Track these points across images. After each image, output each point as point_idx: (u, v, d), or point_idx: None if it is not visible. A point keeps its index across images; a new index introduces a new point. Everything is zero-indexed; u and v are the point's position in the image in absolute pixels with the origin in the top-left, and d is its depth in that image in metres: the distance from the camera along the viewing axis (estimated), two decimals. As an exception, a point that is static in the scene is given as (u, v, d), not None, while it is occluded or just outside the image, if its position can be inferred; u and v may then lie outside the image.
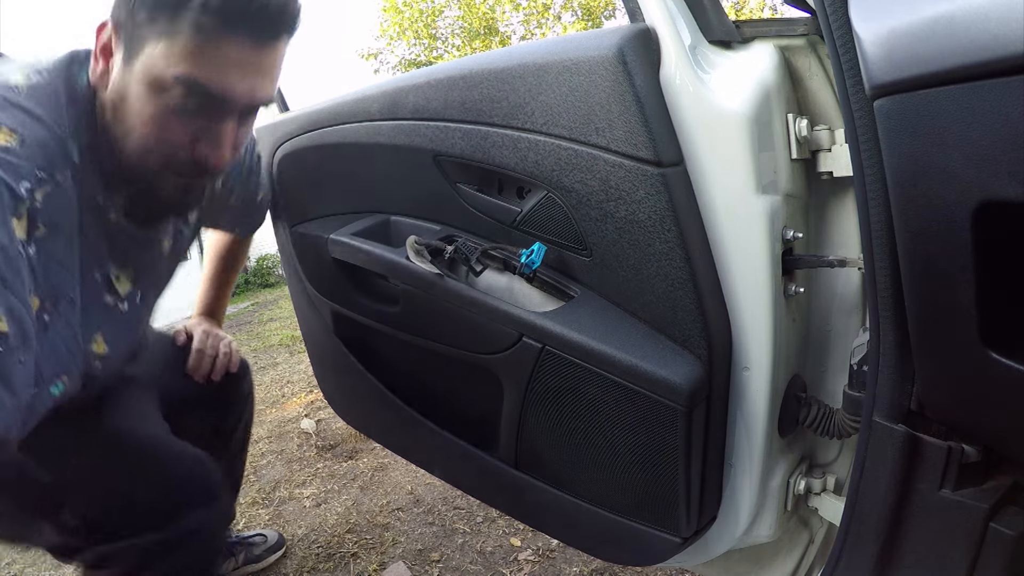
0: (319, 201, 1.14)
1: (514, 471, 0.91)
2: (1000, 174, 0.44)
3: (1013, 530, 0.55)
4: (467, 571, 1.45)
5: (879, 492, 0.61)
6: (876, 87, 0.50)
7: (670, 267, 0.70)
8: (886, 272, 0.56)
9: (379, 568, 1.50)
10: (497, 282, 0.87)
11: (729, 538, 0.84)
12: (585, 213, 0.75)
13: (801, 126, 0.69)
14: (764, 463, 0.77)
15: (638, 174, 0.68)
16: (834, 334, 0.80)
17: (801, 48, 0.71)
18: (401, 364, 1.07)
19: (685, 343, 0.72)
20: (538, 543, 1.49)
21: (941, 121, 0.46)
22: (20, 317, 0.54)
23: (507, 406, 0.88)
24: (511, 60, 0.77)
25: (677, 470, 0.74)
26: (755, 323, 0.71)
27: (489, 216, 0.86)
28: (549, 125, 0.74)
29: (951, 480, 0.57)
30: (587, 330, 0.75)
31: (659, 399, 0.71)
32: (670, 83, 0.68)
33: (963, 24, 0.43)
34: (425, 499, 1.80)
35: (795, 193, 0.72)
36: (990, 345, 0.49)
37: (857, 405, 0.66)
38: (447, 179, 0.89)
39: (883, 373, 0.59)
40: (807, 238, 0.75)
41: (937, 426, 0.58)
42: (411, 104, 0.89)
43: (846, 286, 0.78)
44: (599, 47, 0.69)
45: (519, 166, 0.78)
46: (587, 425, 0.80)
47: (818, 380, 0.82)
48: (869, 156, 0.54)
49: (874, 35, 0.50)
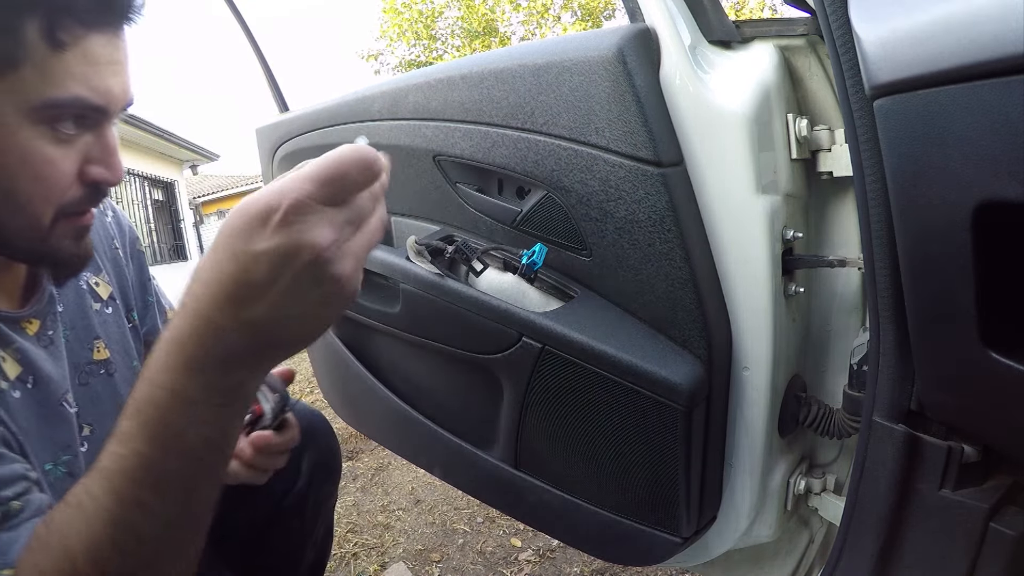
0: (319, 201, 1.14)
1: (514, 471, 0.91)
2: (1000, 174, 0.44)
3: (1013, 530, 0.55)
4: (467, 571, 1.45)
5: (879, 492, 0.61)
6: (876, 87, 0.50)
7: (670, 267, 0.70)
8: (886, 272, 0.56)
9: (380, 568, 1.50)
10: (497, 282, 0.87)
11: (729, 538, 0.84)
12: (585, 213, 0.75)
13: (801, 126, 0.69)
14: (764, 463, 0.77)
15: (638, 174, 0.68)
16: (834, 334, 0.80)
17: (801, 48, 0.71)
18: (401, 364, 1.07)
19: (685, 343, 0.72)
20: (538, 543, 1.49)
21: (941, 121, 0.46)
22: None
23: (507, 406, 0.88)
24: (511, 60, 0.77)
25: (677, 470, 0.74)
26: (755, 323, 0.71)
27: (489, 216, 0.86)
28: (549, 125, 0.74)
29: (951, 480, 0.57)
30: (587, 330, 0.75)
31: (659, 399, 0.71)
32: (670, 83, 0.68)
33: (963, 24, 0.44)
34: (425, 499, 1.80)
35: (795, 193, 0.72)
36: (990, 345, 0.48)
37: (857, 405, 0.66)
38: (447, 179, 0.89)
39: (883, 373, 0.59)
40: (807, 238, 0.75)
41: (937, 426, 0.58)
42: (411, 104, 0.89)
43: (846, 286, 0.78)
44: (599, 47, 0.69)
45: (519, 166, 0.78)
46: (587, 425, 0.80)
47: (818, 380, 0.82)
48: (869, 156, 0.54)
49: (874, 35, 0.50)
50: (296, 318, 0.38)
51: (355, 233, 0.38)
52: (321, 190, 0.36)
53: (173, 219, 9.96)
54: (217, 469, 0.44)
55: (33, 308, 0.65)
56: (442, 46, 13.21)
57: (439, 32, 13.13)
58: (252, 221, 0.36)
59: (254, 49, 1.30)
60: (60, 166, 0.54)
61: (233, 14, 1.24)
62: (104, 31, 0.53)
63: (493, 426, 0.92)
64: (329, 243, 0.36)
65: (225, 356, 0.38)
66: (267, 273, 0.35)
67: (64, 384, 0.66)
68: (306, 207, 0.35)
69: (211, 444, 0.42)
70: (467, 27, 12.68)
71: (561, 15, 12.66)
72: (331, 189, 0.36)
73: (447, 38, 13.18)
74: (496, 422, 0.91)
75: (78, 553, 0.42)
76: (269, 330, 0.37)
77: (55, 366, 0.65)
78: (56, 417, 0.64)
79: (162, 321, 0.91)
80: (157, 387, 0.40)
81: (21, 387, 0.59)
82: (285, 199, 0.35)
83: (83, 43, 0.52)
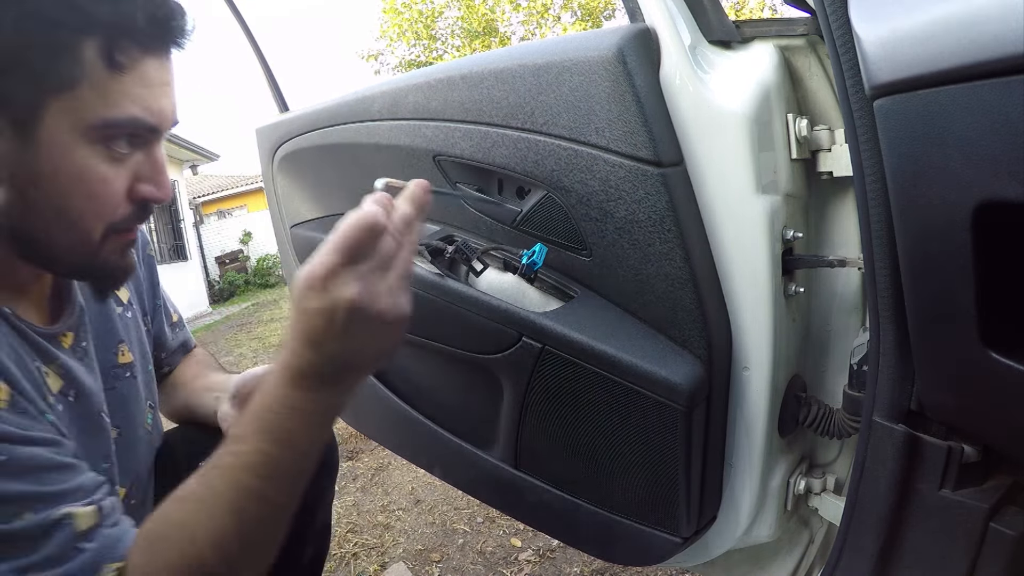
0: (319, 201, 1.14)
1: (514, 471, 0.91)
2: (1000, 174, 0.44)
3: (1013, 530, 0.55)
4: (467, 571, 1.45)
5: (879, 492, 0.61)
6: (876, 87, 0.50)
7: (670, 267, 0.70)
8: (886, 272, 0.56)
9: (380, 568, 1.50)
10: (497, 282, 0.87)
11: (729, 538, 0.84)
12: (585, 213, 0.75)
13: (801, 126, 0.69)
14: (764, 463, 0.77)
15: (638, 174, 0.68)
16: (834, 334, 0.80)
17: (801, 48, 0.71)
18: (401, 364, 1.07)
19: (685, 343, 0.72)
20: (538, 543, 1.49)
21: (941, 121, 0.46)
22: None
23: (507, 406, 0.88)
24: (511, 60, 0.77)
25: (677, 470, 0.74)
26: (755, 323, 0.71)
27: (489, 216, 0.86)
28: (549, 125, 0.74)
29: (951, 480, 0.57)
30: (587, 330, 0.75)
31: (659, 399, 0.71)
32: (670, 83, 0.68)
33: (963, 24, 0.44)
34: (425, 499, 1.80)
35: (795, 193, 0.72)
36: (990, 345, 0.48)
37: (857, 405, 0.66)
38: (447, 179, 0.89)
39: (883, 373, 0.59)
40: (807, 238, 0.75)
41: (937, 426, 0.58)
42: (411, 104, 0.89)
43: (846, 286, 0.78)
44: (599, 47, 0.69)
45: (519, 166, 0.78)
46: (587, 425, 0.80)
47: (818, 380, 0.82)
48: (869, 156, 0.54)
49: (874, 35, 0.50)
50: (359, 348, 0.49)
51: (385, 273, 0.49)
52: (342, 257, 0.47)
53: (173, 219, 9.96)
54: (313, 463, 0.53)
55: (67, 322, 0.67)
56: (442, 46, 13.21)
57: (439, 32, 13.14)
58: (303, 288, 0.48)
59: (254, 49, 1.30)
60: (113, 184, 0.57)
61: (233, 14, 1.24)
62: (159, 54, 0.56)
63: (493, 426, 0.92)
64: (359, 294, 0.47)
65: (317, 377, 0.49)
66: (323, 324, 0.47)
67: (100, 394, 0.68)
68: (334, 273, 0.46)
69: (312, 442, 0.52)
70: (467, 27, 12.69)
71: (561, 15, 12.67)
72: (349, 254, 0.47)
73: (447, 38, 13.19)
74: (496, 422, 0.91)
75: (203, 541, 0.49)
76: (343, 359, 0.49)
77: (91, 377, 0.67)
78: (96, 428, 0.66)
79: (167, 324, 0.92)
80: (272, 399, 0.50)
81: (63, 400, 0.61)
82: (318, 270, 0.47)
83: (139, 65, 0.54)
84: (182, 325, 0.97)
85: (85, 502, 0.50)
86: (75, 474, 0.52)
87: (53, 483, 0.49)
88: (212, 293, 11.58)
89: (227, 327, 7.12)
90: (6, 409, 0.50)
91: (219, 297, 11.81)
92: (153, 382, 0.81)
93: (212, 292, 11.64)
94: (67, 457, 0.53)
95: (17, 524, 0.46)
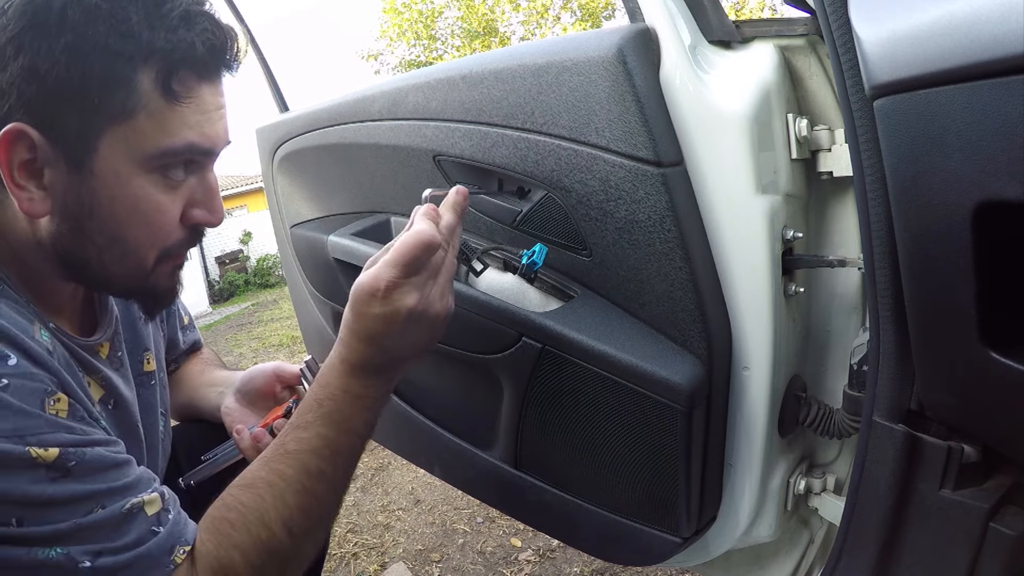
0: (319, 201, 1.14)
1: (514, 471, 0.91)
2: (1000, 174, 0.44)
3: (1013, 530, 0.55)
4: (467, 571, 1.45)
5: (879, 492, 0.61)
6: (876, 87, 0.50)
7: (670, 267, 0.70)
8: (886, 272, 0.56)
9: (380, 568, 1.50)
10: (497, 282, 0.87)
11: (729, 538, 0.84)
12: (585, 213, 0.75)
13: (801, 126, 0.69)
14: (764, 463, 0.77)
15: (638, 174, 0.68)
16: (834, 334, 0.80)
17: (801, 48, 0.71)
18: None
19: (685, 343, 0.72)
20: (538, 543, 1.49)
21: (941, 121, 0.46)
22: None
23: (507, 406, 0.88)
24: (511, 60, 0.77)
25: (677, 470, 0.74)
26: (755, 323, 0.71)
27: (489, 216, 0.86)
28: (549, 125, 0.74)
29: (951, 480, 0.57)
30: (587, 330, 0.75)
31: (659, 399, 0.71)
32: (670, 83, 0.68)
33: (963, 24, 0.44)
34: (425, 499, 1.80)
35: (795, 193, 0.72)
36: (990, 345, 0.48)
37: (857, 405, 0.66)
38: (447, 179, 0.89)
39: (883, 373, 0.59)
40: (807, 238, 0.75)
41: (937, 426, 0.58)
42: (411, 104, 0.89)
43: (846, 286, 0.77)
44: (599, 47, 0.69)
45: (519, 166, 0.78)
46: (587, 425, 0.80)
47: (818, 380, 0.82)
48: (869, 156, 0.54)
49: (874, 35, 0.50)
50: (411, 344, 0.58)
51: (436, 280, 0.58)
52: (403, 271, 0.55)
53: (173, 219, 9.93)
54: (364, 444, 0.61)
55: (105, 332, 0.68)
56: (442, 46, 13.22)
57: (439, 32, 13.15)
58: (364, 296, 0.56)
59: (254, 49, 1.30)
60: (168, 212, 0.58)
61: (233, 14, 1.24)
62: (214, 80, 0.57)
63: (493, 426, 0.92)
64: (417, 302, 0.56)
65: (373, 368, 0.58)
66: (384, 327, 0.56)
67: (135, 403, 0.69)
68: (395, 285, 0.55)
69: (367, 425, 0.60)
70: (467, 27, 12.69)
71: (561, 15, 12.67)
72: (409, 268, 0.55)
73: (447, 38, 13.20)
74: (496, 422, 0.91)
75: (275, 522, 0.54)
76: (396, 352, 0.58)
77: (127, 386, 0.69)
78: (133, 436, 0.67)
79: (180, 327, 0.93)
80: (333, 388, 0.58)
81: (104, 409, 0.63)
82: (381, 282, 0.55)
83: (196, 93, 0.55)
84: (192, 327, 0.98)
85: (150, 490, 0.53)
86: (133, 468, 0.55)
87: (119, 478, 0.52)
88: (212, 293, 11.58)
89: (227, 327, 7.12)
90: (68, 418, 0.51)
91: (219, 297, 11.81)
92: (166, 389, 0.82)
93: (212, 292, 11.64)
94: (124, 454, 0.55)
95: (95, 516, 0.49)
